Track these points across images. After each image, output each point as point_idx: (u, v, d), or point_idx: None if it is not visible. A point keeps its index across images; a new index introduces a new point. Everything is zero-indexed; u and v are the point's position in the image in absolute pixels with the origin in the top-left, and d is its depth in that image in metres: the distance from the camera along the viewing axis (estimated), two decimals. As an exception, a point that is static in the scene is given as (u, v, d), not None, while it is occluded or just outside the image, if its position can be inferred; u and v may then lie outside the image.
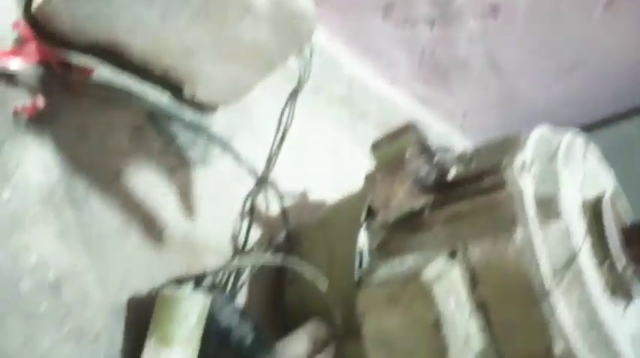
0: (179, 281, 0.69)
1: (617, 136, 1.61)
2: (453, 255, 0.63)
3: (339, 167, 1.14)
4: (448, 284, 0.60)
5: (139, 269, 0.73)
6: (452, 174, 0.73)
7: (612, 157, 0.84)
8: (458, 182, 0.71)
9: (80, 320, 0.64)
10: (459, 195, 0.69)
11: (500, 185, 0.65)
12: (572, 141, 0.73)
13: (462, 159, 0.74)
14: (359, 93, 1.28)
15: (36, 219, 0.65)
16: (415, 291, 0.58)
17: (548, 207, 0.62)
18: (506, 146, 0.72)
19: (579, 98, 1.61)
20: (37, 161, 0.68)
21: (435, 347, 0.55)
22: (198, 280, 0.69)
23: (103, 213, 0.72)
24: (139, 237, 0.75)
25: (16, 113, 0.67)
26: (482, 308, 0.61)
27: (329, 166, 1.12)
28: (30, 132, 0.68)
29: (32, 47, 0.70)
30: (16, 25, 0.69)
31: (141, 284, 0.72)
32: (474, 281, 0.61)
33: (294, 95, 1.10)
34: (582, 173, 0.71)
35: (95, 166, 0.74)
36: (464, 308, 0.60)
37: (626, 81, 1.56)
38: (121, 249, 0.72)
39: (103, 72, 0.78)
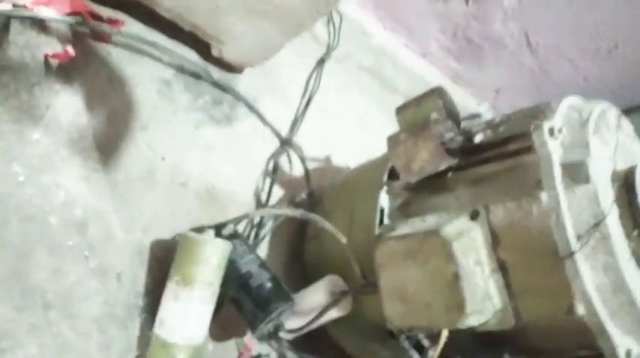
0: (202, 229, 0.70)
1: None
2: (474, 215, 0.62)
3: (365, 135, 1.13)
4: (469, 242, 0.59)
5: (163, 217, 0.74)
6: (479, 139, 0.71)
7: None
8: (484, 146, 0.69)
9: (105, 258, 0.66)
10: (484, 158, 0.68)
11: (527, 149, 0.64)
12: (605, 111, 0.71)
13: (489, 125, 0.73)
14: (388, 65, 1.27)
15: (64, 160, 0.67)
16: (435, 246, 0.57)
17: (577, 172, 0.60)
18: (536, 112, 0.70)
19: (617, 82, 1.56)
20: (67, 105, 0.70)
21: (453, 300, 0.55)
22: (220, 228, 0.70)
23: (129, 161, 0.74)
24: (164, 187, 0.76)
25: (47, 59, 0.69)
26: (502, 268, 0.60)
27: (355, 134, 1.12)
28: (60, 78, 0.70)
29: (65, -2, 0.71)
30: (51, -24, 0.70)
31: (164, 231, 0.73)
32: (495, 241, 0.60)
33: (321, 61, 1.10)
34: (614, 143, 0.69)
35: (123, 115, 0.75)
36: (484, 267, 0.59)
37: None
38: (145, 196, 0.74)
39: (133, 26, 0.80)
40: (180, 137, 0.80)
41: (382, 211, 0.74)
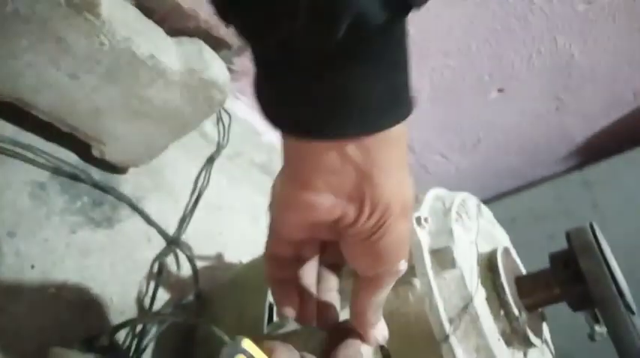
0: (72, 342, 0.64)
1: (513, 206, 1.75)
2: (357, 306, 0.64)
3: (258, 230, 1.14)
4: (351, 334, 0.60)
5: (30, 332, 0.67)
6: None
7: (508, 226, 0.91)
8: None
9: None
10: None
11: (400, 239, 0.69)
12: (465, 200, 0.79)
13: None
14: (280, 161, 1.32)
15: None
16: (318, 341, 0.57)
17: (444, 258, 0.65)
18: (407, 204, 0.77)
19: (485, 172, 1.76)
20: None
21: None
22: (91, 340, 0.65)
23: (-9, 272, 0.67)
24: (31, 299, 0.69)
25: None
26: (386, 357, 0.61)
27: (247, 229, 1.12)
28: None
29: None
30: None
31: (29, 347, 0.66)
32: (378, 331, 0.62)
33: (211, 159, 1.12)
34: (476, 229, 0.76)
35: (-13, 223, 0.70)
36: (368, 358, 0.60)
37: (523, 157, 1.73)
38: (9, 311, 0.66)
39: (5, 128, 0.77)
40: (53, 242, 0.75)
41: (272, 308, 0.74)
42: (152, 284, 0.86)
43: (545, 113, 1.57)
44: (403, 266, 0.34)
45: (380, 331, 0.39)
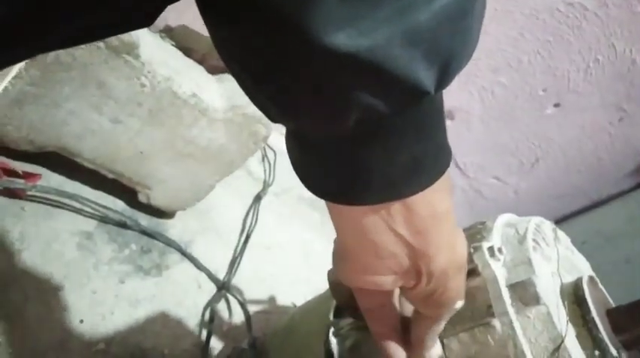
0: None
1: (581, 229, 1.62)
2: (429, 352, 0.57)
3: (309, 267, 1.08)
4: (427, 385, 0.53)
5: (77, 392, 0.64)
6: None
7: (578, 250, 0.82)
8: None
9: None
10: (430, 285, 0.64)
11: (471, 272, 0.61)
12: (540, 225, 0.71)
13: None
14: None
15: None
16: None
17: (525, 292, 0.58)
18: (473, 233, 0.69)
19: (545, 193, 1.64)
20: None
21: None
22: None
23: (41, 326, 0.65)
24: (81, 355, 0.66)
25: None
26: (467, 412, 0.54)
27: (299, 268, 1.07)
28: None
29: (-23, 155, 0.68)
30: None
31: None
32: (455, 380, 0.55)
33: (258, 197, 1.08)
34: (555, 256, 0.68)
35: (36, 276, 0.68)
36: (447, 414, 0.52)
37: (586, 175, 1.61)
38: (56, 369, 0.64)
39: (52, 178, 0.76)
40: (101, 294, 0.73)
41: (332, 356, 0.67)
42: (204, 333, 0.81)
43: (608, 126, 1.46)
44: (459, 305, 0.38)
45: (435, 351, 0.44)
